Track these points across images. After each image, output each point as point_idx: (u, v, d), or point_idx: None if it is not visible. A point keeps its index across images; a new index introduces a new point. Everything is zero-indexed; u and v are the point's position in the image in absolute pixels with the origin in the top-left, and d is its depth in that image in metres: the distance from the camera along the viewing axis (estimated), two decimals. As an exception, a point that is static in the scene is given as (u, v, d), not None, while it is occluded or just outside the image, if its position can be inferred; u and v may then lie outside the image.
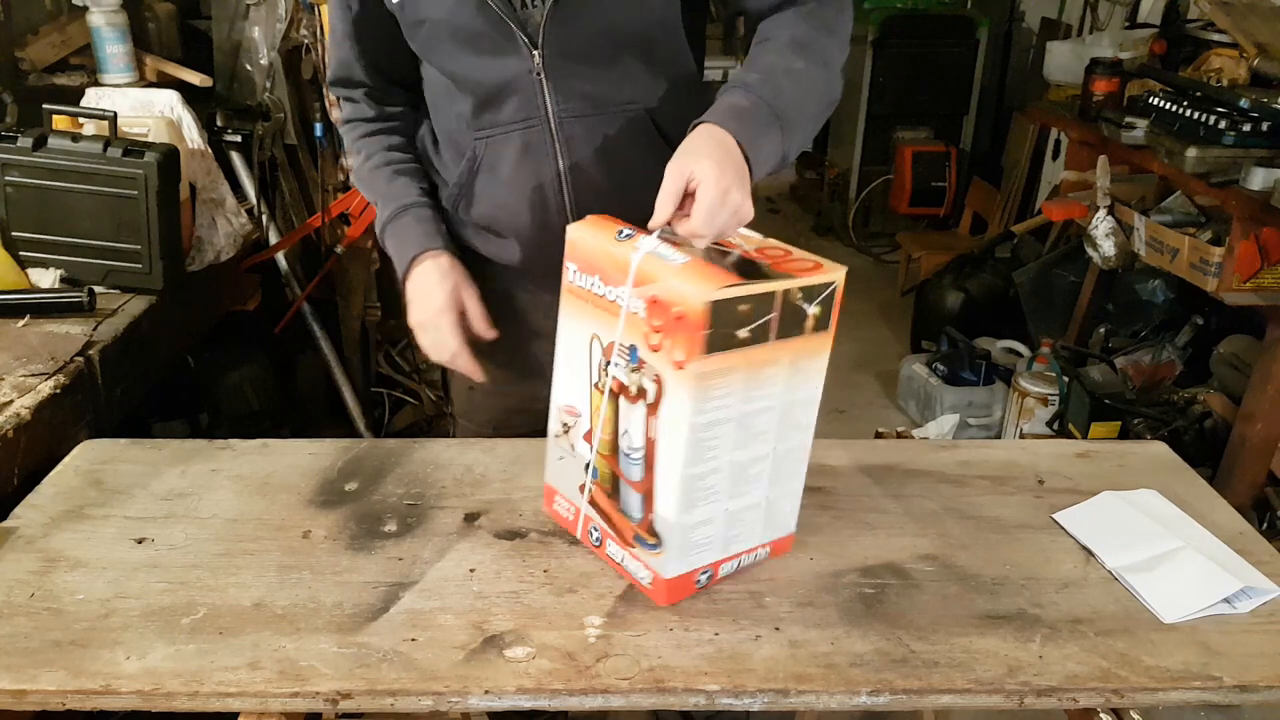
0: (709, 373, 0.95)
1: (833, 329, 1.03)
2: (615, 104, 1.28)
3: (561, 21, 1.21)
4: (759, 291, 0.95)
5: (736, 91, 1.15)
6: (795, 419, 1.06)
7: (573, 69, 1.25)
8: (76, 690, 0.94)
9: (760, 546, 1.12)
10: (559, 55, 1.24)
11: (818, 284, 0.99)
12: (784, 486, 1.10)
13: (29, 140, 1.73)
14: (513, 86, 1.26)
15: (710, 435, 0.99)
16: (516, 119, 1.28)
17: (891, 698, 0.98)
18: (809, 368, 1.04)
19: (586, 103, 1.27)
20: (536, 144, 1.29)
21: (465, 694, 0.96)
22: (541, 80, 1.25)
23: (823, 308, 1.00)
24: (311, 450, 1.36)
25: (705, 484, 1.02)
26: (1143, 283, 3.28)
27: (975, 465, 1.37)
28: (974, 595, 1.10)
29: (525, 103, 1.27)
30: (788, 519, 1.14)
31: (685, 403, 0.96)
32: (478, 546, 1.17)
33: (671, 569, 1.05)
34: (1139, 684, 0.98)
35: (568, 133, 1.28)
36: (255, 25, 2.56)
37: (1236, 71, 2.86)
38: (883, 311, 4.64)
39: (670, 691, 0.97)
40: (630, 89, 1.29)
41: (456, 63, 1.27)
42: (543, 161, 1.29)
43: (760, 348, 0.98)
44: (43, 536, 1.16)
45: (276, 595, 1.07)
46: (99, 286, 1.75)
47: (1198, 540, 1.17)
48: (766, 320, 0.96)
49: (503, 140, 1.30)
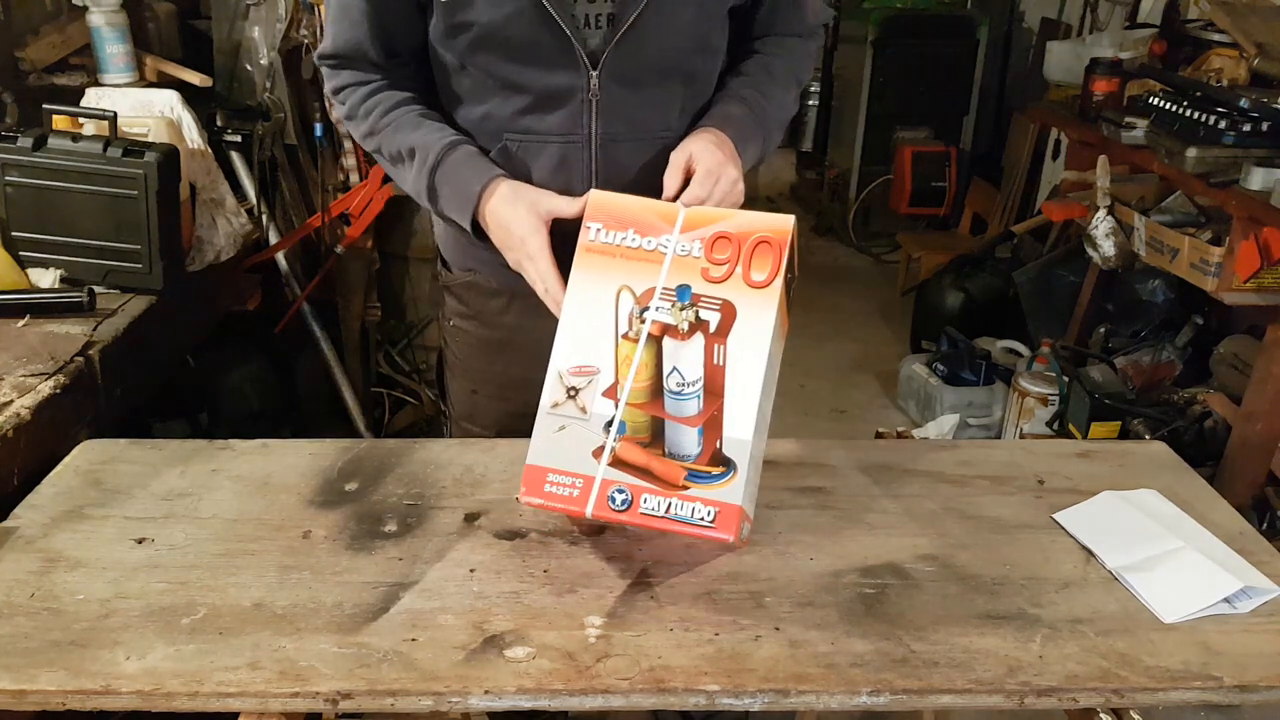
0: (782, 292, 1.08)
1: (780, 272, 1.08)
2: (653, 131, 1.30)
3: (625, 48, 1.22)
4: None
5: (733, 101, 1.33)
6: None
7: (623, 94, 1.26)
8: (76, 690, 0.94)
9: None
10: (614, 79, 1.25)
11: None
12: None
13: (29, 140, 1.73)
14: (560, 101, 1.26)
15: (776, 354, 1.09)
16: (557, 132, 1.28)
17: (891, 698, 0.97)
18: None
19: (630, 127, 1.29)
20: (574, 160, 1.29)
21: (465, 694, 0.96)
22: (593, 102, 1.25)
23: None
24: (311, 450, 1.36)
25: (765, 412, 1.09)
26: (1143, 283, 3.28)
27: (975, 465, 1.37)
28: (974, 595, 1.10)
29: (570, 119, 1.27)
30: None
31: (769, 317, 1.07)
32: (478, 546, 1.17)
33: (741, 495, 1.03)
34: (1139, 684, 0.98)
35: (608, 155, 1.29)
36: (255, 25, 2.56)
37: (1236, 71, 2.86)
38: (883, 311, 4.65)
39: (670, 692, 0.97)
40: (668, 117, 1.31)
41: (500, 69, 1.25)
42: (576, 178, 1.29)
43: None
44: (43, 536, 1.16)
45: (276, 595, 1.07)
46: (99, 286, 1.75)
47: (1198, 540, 1.17)
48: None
49: (538, 148, 1.29)
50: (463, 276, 1.49)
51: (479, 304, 1.48)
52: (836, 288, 4.89)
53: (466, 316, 1.51)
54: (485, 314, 1.48)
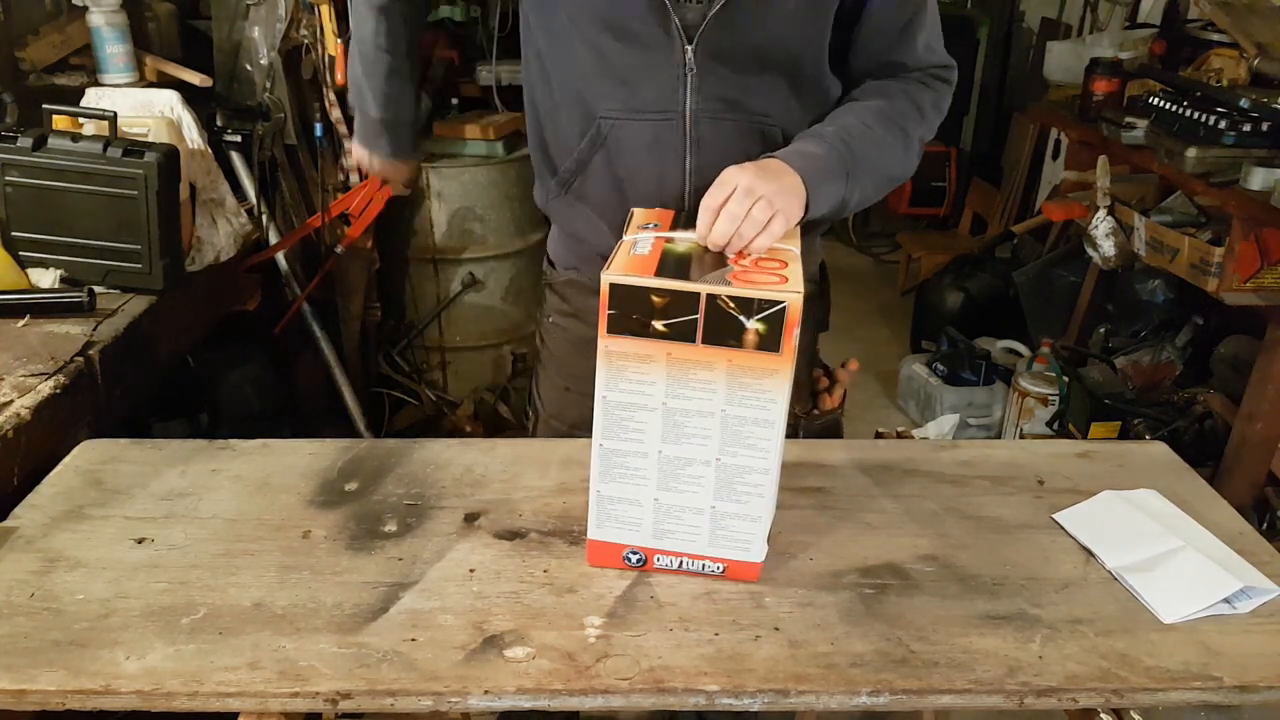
0: (619, 353, 1.02)
1: (787, 353, 0.99)
2: (751, 114, 1.29)
3: (721, 23, 1.22)
4: (674, 288, 0.99)
5: (810, 140, 1.23)
6: (744, 437, 1.04)
7: (719, 71, 1.26)
8: (76, 690, 0.94)
9: (709, 558, 1.11)
10: (710, 56, 1.24)
11: (756, 298, 0.98)
12: (738, 505, 1.08)
13: (29, 140, 1.73)
14: (655, 77, 1.26)
15: (629, 416, 1.05)
16: (652, 109, 1.28)
17: (891, 698, 0.98)
18: (757, 386, 1.01)
19: (724, 105, 1.28)
20: (667, 137, 1.29)
21: (465, 694, 0.96)
22: (688, 77, 1.25)
23: (767, 325, 0.98)
24: (311, 450, 1.36)
25: (627, 463, 1.08)
26: (1143, 283, 3.28)
27: (975, 465, 1.37)
28: (974, 595, 1.10)
29: (665, 96, 1.27)
30: (747, 543, 1.10)
31: (600, 376, 1.04)
32: (477, 547, 1.17)
33: (594, 531, 1.12)
34: (1139, 684, 0.98)
35: (700, 132, 1.29)
36: (255, 25, 2.56)
37: (1236, 71, 2.86)
38: (883, 311, 4.64)
39: (670, 692, 0.97)
40: (768, 103, 1.30)
41: (597, 44, 1.26)
42: (670, 156, 1.30)
43: (685, 346, 1.00)
44: (43, 536, 1.16)
45: (276, 595, 1.07)
46: (99, 286, 1.75)
47: (1197, 540, 1.17)
48: (689, 320, 0.99)
49: (633, 127, 1.30)
50: (566, 275, 1.53)
51: (579, 302, 1.52)
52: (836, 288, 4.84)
53: (566, 314, 1.55)
54: (584, 312, 1.50)
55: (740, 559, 1.11)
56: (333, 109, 2.65)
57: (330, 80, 2.60)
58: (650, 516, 1.10)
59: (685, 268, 1.03)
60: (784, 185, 1.13)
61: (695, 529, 1.10)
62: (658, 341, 1.01)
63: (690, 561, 1.12)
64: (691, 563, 1.12)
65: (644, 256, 1.05)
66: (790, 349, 0.99)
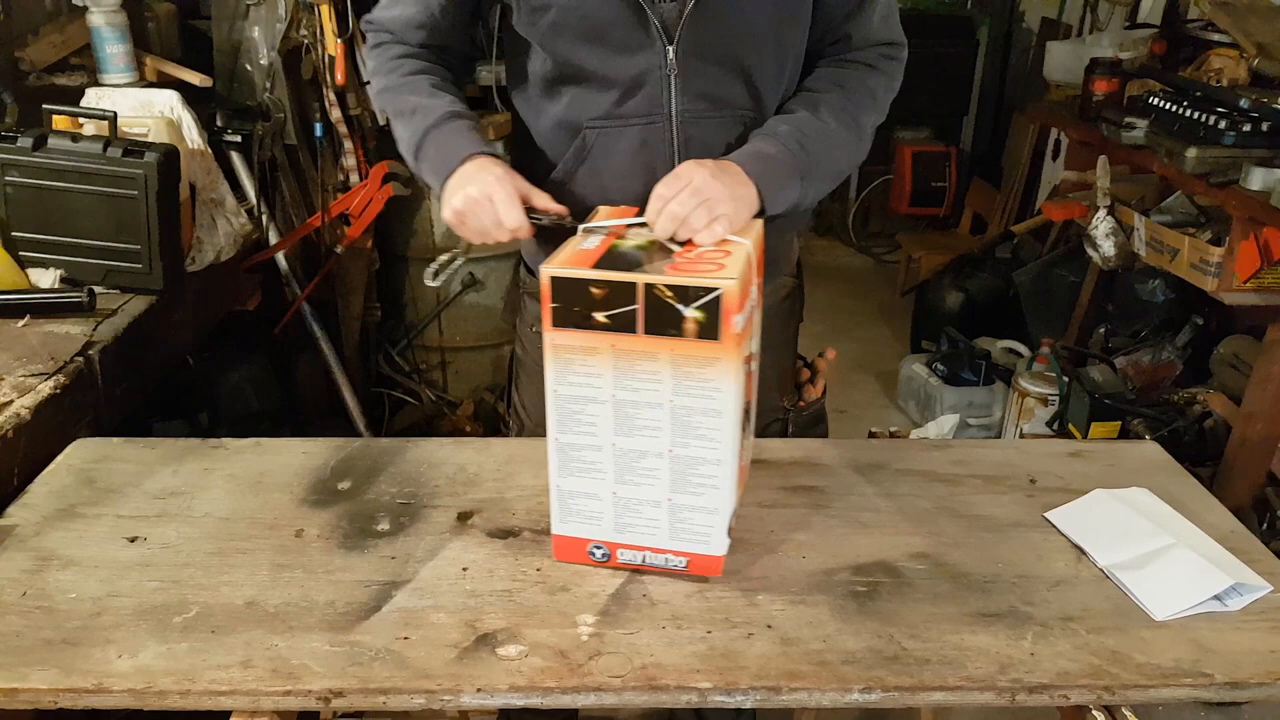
0: (565, 345, 1.03)
1: (727, 340, 0.99)
2: (734, 107, 1.29)
3: (699, 18, 1.21)
4: (612, 279, 1.00)
5: (766, 139, 1.24)
6: (695, 428, 1.04)
7: (702, 68, 1.25)
8: (68, 689, 0.94)
9: (671, 552, 1.11)
10: (691, 53, 1.24)
11: (691, 286, 0.98)
12: (693, 497, 1.08)
13: (29, 140, 1.74)
14: (639, 81, 1.25)
15: (581, 410, 1.06)
16: (638, 114, 1.27)
17: (883, 695, 0.98)
18: (701, 375, 1.01)
19: (710, 103, 1.28)
20: (655, 141, 1.29)
21: (458, 692, 0.96)
22: (671, 78, 1.25)
23: (705, 314, 0.98)
24: (305, 449, 1.36)
25: (583, 457, 1.08)
26: (1143, 283, 3.27)
27: (968, 464, 1.37)
28: (966, 593, 1.10)
29: (650, 99, 1.26)
30: (706, 536, 1.10)
31: (549, 370, 1.05)
32: (470, 545, 1.17)
33: (557, 527, 1.13)
34: (1130, 681, 0.98)
35: (688, 133, 1.28)
36: (255, 25, 2.56)
37: (1236, 71, 2.85)
38: (883, 311, 4.64)
39: (663, 689, 0.97)
40: (748, 93, 1.29)
41: (579, 53, 1.25)
42: (659, 159, 1.29)
43: (628, 337, 1.01)
44: (35, 535, 1.16)
45: (269, 594, 1.08)
46: (99, 286, 1.76)
47: (1189, 538, 1.17)
48: (629, 310, 1.00)
49: (619, 133, 1.29)
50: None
51: None
52: (836, 288, 4.89)
53: None
54: None
55: (701, 552, 1.11)
56: (333, 109, 2.66)
57: (330, 80, 2.60)
58: (610, 510, 1.11)
59: (630, 261, 1.04)
60: (736, 193, 1.14)
61: (654, 522, 1.10)
62: (601, 333, 1.02)
63: (653, 556, 1.12)
64: (654, 557, 1.12)
65: (589, 250, 1.06)
66: (731, 336, 0.99)
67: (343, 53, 2.57)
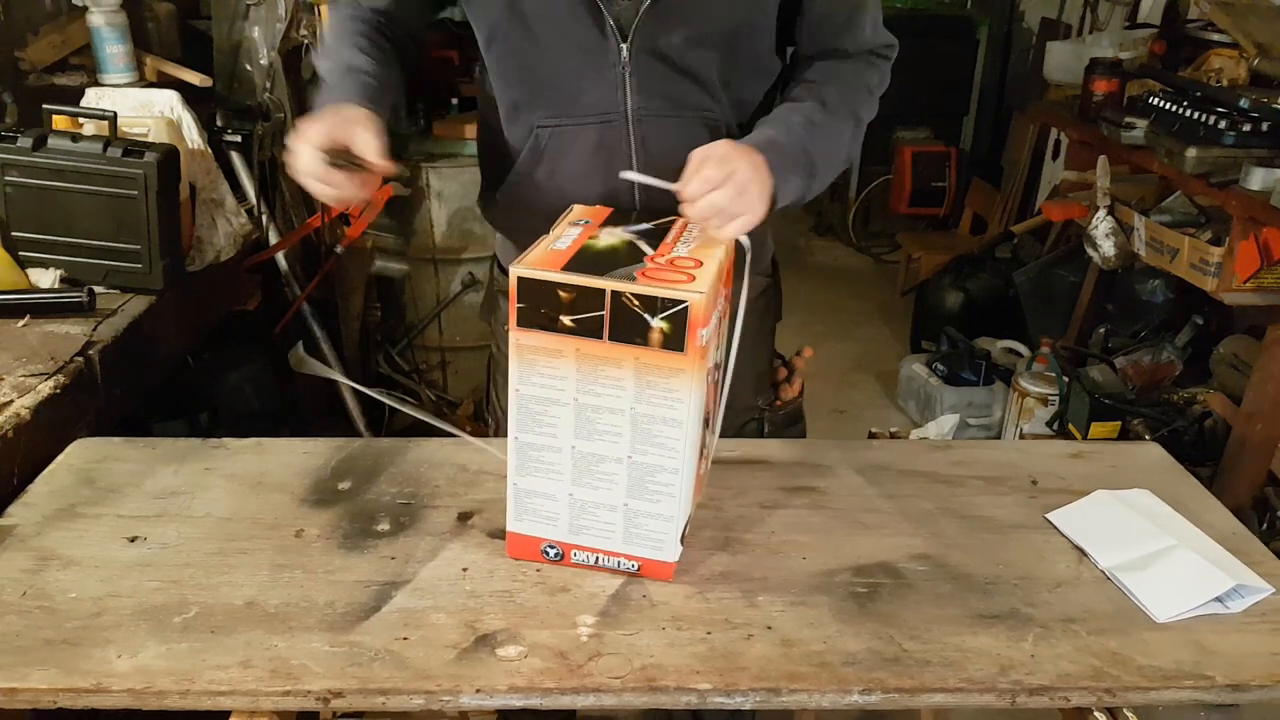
0: (530, 346, 1.03)
1: (694, 354, 0.99)
2: (694, 108, 1.27)
3: (655, 18, 1.20)
4: (580, 284, 0.99)
5: (779, 127, 1.21)
6: (653, 436, 1.04)
7: (657, 67, 1.23)
8: (68, 689, 0.94)
9: (624, 555, 1.11)
10: (647, 51, 1.22)
11: (658, 296, 0.98)
12: (649, 504, 1.08)
13: (29, 140, 1.73)
14: (592, 79, 1.23)
15: (543, 411, 1.06)
16: (592, 113, 1.26)
17: (883, 696, 0.98)
18: (664, 385, 1.01)
19: (667, 103, 1.26)
20: (611, 141, 1.27)
21: (457, 693, 0.96)
22: (625, 76, 1.23)
23: (670, 324, 0.98)
24: (305, 449, 1.36)
25: (542, 458, 1.09)
26: (1143, 283, 3.27)
27: (969, 465, 1.37)
28: (967, 595, 1.10)
29: (604, 98, 1.25)
30: (660, 542, 1.10)
31: (513, 369, 1.05)
32: (470, 546, 1.17)
33: (512, 524, 1.14)
34: (1131, 683, 0.98)
35: (644, 131, 1.26)
36: (255, 25, 2.56)
37: (1236, 71, 2.85)
38: (883, 311, 4.64)
39: (663, 690, 0.97)
40: (707, 93, 1.27)
41: (531, 48, 1.23)
42: (616, 159, 1.27)
43: (593, 342, 1.01)
44: (35, 535, 1.16)
45: (269, 594, 1.07)
46: (99, 286, 1.75)
47: (1190, 539, 1.17)
48: (596, 316, 1.00)
49: (573, 133, 1.27)
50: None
51: None
52: (836, 288, 4.89)
53: None
54: None
55: (653, 557, 1.11)
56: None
57: (330, 80, 2.59)
58: (566, 511, 1.11)
59: (600, 264, 1.02)
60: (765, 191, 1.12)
61: (610, 525, 1.10)
62: (567, 336, 1.01)
63: (606, 558, 1.12)
64: (607, 559, 1.12)
65: (560, 251, 1.05)
66: (696, 349, 0.99)
67: (343, 52, 2.56)
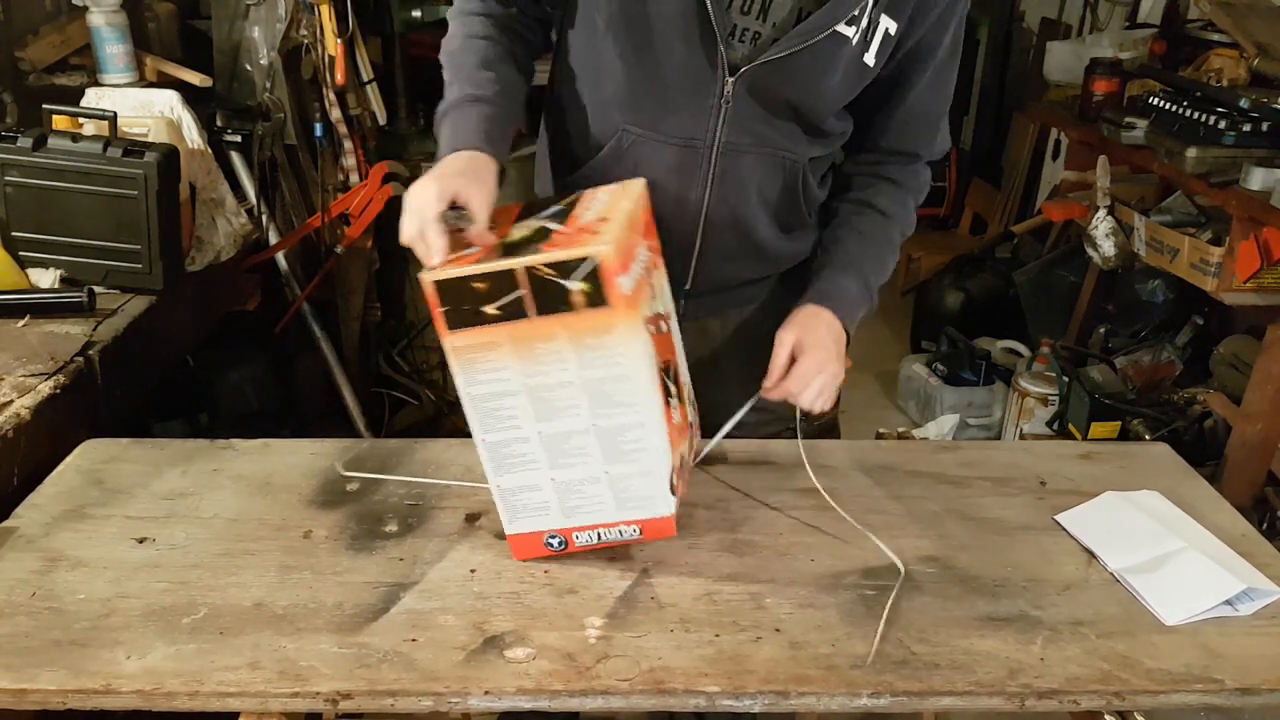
0: (465, 346, 1.03)
1: (620, 305, 0.99)
2: (775, 148, 1.29)
3: (768, 70, 1.20)
4: (491, 270, 0.99)
5: (850, 275, 1.33)
6: (610, 397, 1.05)
7: (754, 108, 1.24)
8: (77, 690, 0.94)
9: (622, 524, 1.12)
10: (749, 92, 1.22)
11: (570, 259, 0.98)
12: (628, 465, 1.08)
13: (29, 140, 1.73)
14: (689, 106, 1.24)
15: (498, 406, 1.06)
16: (679, 135, 1.26)
17: (892, 699, 0.97)
18: (602, 345, 1.02)
19: (753, 139, 1.27)
20: (690, 166, 1.27)
21: (465, 694, 0.96)
22: (724, 109, 1.23)
23: (590, 284, 0.98)
24: (313, 450, 1.36)
25: (514, 451, 1.08)
26: (1143, 283, 3.28)
27: (977, 466, 1.37)
28: (975, 597, 1.10)
29: (695, 122, 1.25)
30: (651, 500, 1.11)
31: (457, 376, 1.05)
32: (478, 547, 1.17)
33: (509, 527, 1.13)
34: (1140, 686, 0.98)
35: (725, 163, 1.27)
36: (255, 25, 2.55)
37: (1236, 71, 2.86)
38: (883, 311, 4.59)
39: (670, 693, 0.97)
40: (790, 139, 1.29)
41: (635, 62, 1.23)
42: (692, 185, 1.28)
43: (522, 324, 1.01)
44: (44, 536, 1.16)
45: (277, 595, 1.07)
46: (99, 286, 1.75)
47: (1199, 541, 1.17)
48: (516, 297, 1.00)
49: (656, 148, 1.27)
50: None
51: None
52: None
53: None
54: None
55: (650, 517, 1.11)
56: (333, 109, 2.65)
57: (330, 80, 2.59)
58: (554, 497, 1.11)
59: (515, 253, 1.02)
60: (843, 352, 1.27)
61: (599, 498, 1.10)
62: (496, 326, 1.01)
63: (607, 532, 1.13)
64: (608, 532, 1.13)
65: (470, 254, 1.04)
66: (620, 299, 0.99)
67: (343, 52, 2.56)
